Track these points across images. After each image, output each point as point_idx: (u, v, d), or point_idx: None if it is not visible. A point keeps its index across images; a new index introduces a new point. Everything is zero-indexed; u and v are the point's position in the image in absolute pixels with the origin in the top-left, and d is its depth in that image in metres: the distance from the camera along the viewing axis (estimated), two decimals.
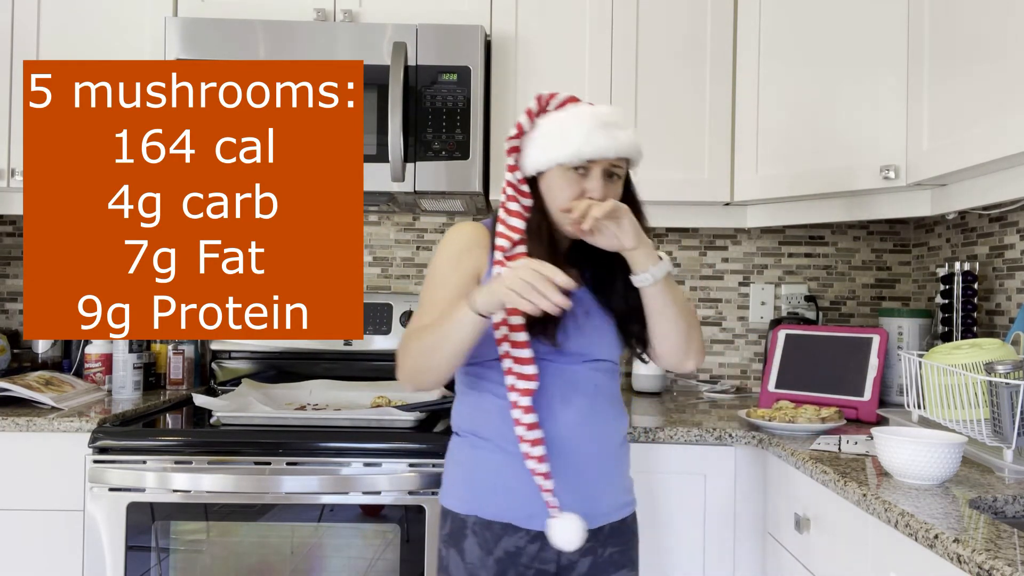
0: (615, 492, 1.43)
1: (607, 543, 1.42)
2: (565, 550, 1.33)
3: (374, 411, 1.91)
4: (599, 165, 1.36)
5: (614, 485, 1.43)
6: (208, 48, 2.11)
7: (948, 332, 2.06)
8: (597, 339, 1.42)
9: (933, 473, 1.32)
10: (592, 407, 1.40)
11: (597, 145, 1.34)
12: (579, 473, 1.38)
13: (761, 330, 2.58)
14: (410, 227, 2.60)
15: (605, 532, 1.41)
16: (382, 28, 2.12)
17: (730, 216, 2.32)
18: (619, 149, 1.36)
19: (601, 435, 1.41)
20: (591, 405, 1.40)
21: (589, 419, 1.39)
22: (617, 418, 1.46)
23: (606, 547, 1.42)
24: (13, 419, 1.86)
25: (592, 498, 1.39)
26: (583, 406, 1.39)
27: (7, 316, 2.61)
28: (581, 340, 1.40)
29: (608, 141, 1.35)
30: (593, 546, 1.40)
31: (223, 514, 1.78)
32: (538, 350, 1.36)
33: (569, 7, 2.23)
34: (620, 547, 1.43)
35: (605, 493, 1.41)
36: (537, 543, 1.37)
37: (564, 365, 1.40)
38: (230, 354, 2.44)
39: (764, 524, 1.86)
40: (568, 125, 1.36)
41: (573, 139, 1.34)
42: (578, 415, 1.39)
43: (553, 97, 1.42)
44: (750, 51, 2.20)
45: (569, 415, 1.38)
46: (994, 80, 1.55)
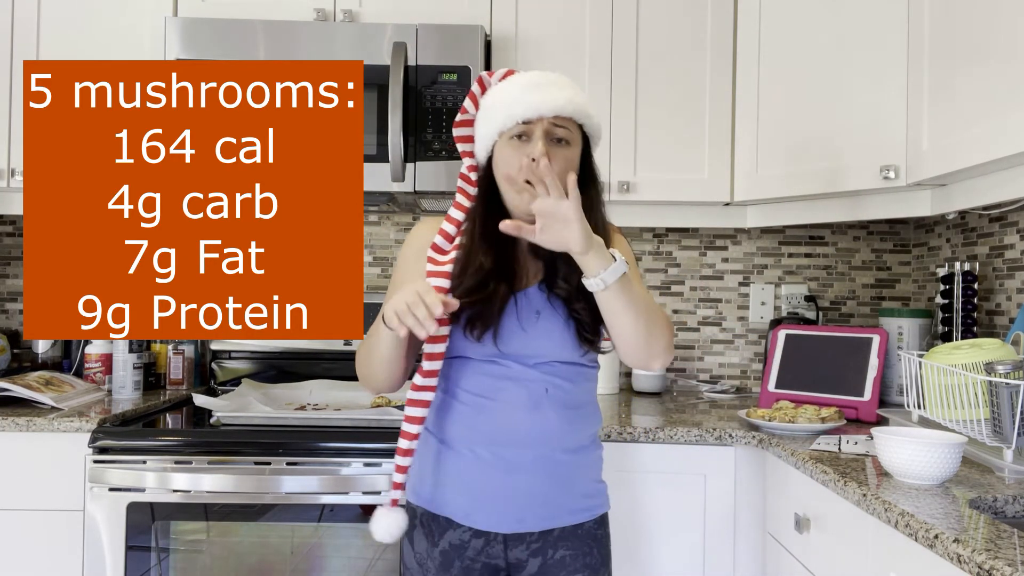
0: (568, 496, 1.37)
1: (558, 545, 1.37)
2: (376, 540, 1.37)
3: (374, 411, 1.91)
4: (538, 126, 1.29)
5: (564, 489, 1.37)
6: (208, 48, 2.11)
7: (948, 332, 2.06)
8: (546, 340, 1.35)
9: (933, 473, 1.32)
10: (538, 411, 1.34)
11: (529, 103, 1.28)
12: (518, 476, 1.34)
13: (761, 330, 2.58)
14: (410, 227, 2.60)
15: (555, 535, 1.37)
16: (382, 28, 2.12)
17: (730, 216, 2.32)
18: (556, 107, 1.29)
19: (550, 439, 1.35)
20: (537, 409, 1.34)
21: (536, 423, 1.34)
22: (575, 420, 1.38)
23: (557, 549, 1.37)
24: (13, 419, 1.86)
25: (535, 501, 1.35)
26: (529, 410, 1.34)
27: (7, 316, 2.61)
28: (529, 342, 1.34)
29: (541, 97, 1.28)
30: (543, 547, 1.37)
31: (223, 514, 1.78)
32: (484, 353, 1.34)
33: (569, 7, 2.23)
34: (573, 551, 1.38)
35: (553, 497, 1.36)
36: (482, 538, 1.36)
37: (513, 368, 1.35)
38: (230, 354, 2.44)
39: (764, 524, 1.86)
40: (503, 93, 1.32)
41: (506, 102, 1.30)
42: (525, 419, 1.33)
43: (492, 75, 1.38)
44: (750, 52, 2.20)
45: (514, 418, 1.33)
46: (994, 80, 1.55)
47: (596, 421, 1.44)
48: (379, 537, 1.36)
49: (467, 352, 1.36)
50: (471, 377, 1.36)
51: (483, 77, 1.38)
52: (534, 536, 1.37)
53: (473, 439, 1.35)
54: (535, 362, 1.36)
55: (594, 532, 1.41)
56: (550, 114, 1.29)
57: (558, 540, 1.38)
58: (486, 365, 1.36)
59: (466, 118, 1.41)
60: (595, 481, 1.43)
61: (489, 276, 1.32)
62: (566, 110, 1.30)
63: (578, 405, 1.39)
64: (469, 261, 1.33)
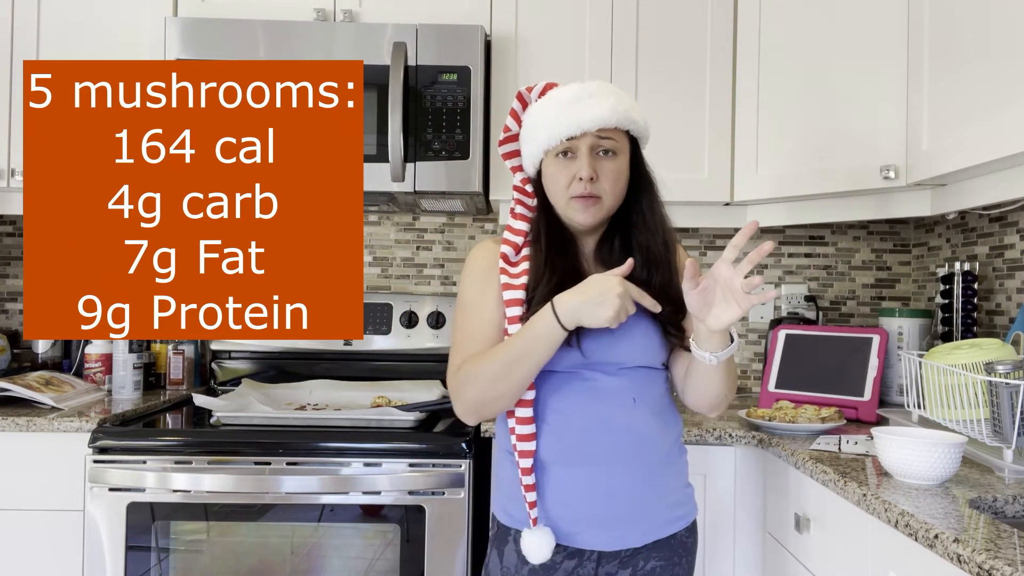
0: (661, 507, 1.34)
1: (650, 557, 1.35)
2: (530, 561, 1.31)
3: (374, 411, 1.91)
4: (583, 142, 1.29)
5: (660, 500, 1.34)
6: (208, 48, 2.11)
7: (948, 332, 2.06)
8: (630, 342, 1.33)
9: (933, 473, 1.32)
10: (629, 423, 1.31)
11: (571, 120, 1.28)
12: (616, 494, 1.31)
13: (761, 330, 2.58)
14: (410, 227, 2.60)
15: (649, 545, 1.35)
16: (382, 28, 2.12)
17: (730, 216, 2.32)
18: (600, 119, 1.28)
19: (641, 449, 1.32)
20: (628, 421, 1.31)
21: (628, 436, 1.31)
22: (663, 428, 1.36)
23: (648, 560, 1.34)
24: (13, 419, 1.86)
25: (634, 517, 1.32)
26: (620, 422, 1.31)
27: (7, 316, 2.61)
28: (614, 345, 1.32)
29: (583, 113, 1.28)
30: (633, 557, 1.34)
31: (223, 514, 1.78)
32: (570, 363, 1.32)
33: (569, 7, 2.23)
34: (664, 561, 1.35)
35: (647, 509, 1.33)
36: (575, 559, 1.33)
37: (599, 380, 1.33)
38: (230, 354, 2.44)
39: (764, 524, 1.86)
40: (544, 110, 1.32)
41: (548, 121, 1.30)
42: (616, 432, 1.31)
43: (531, 89, 1.37)
44: (750, 52, 2.20)
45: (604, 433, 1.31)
46: (994, 80, 1.55)
47: (677, 424, 1.41)
48: (535, 560, 1.30)
49: (552, 365, 1.32)
50: (557, 393, 1.34)
51: (522, 93, 1.38)
52: (628, 551, 1.34)
53: (567, 459, 1.32)
54: (619, 368, 1.33)
55: (684, 540, 1.39)
56: (593, 128, 1.29)
57: (651, 551, 1.35)
58: (572, 378, 1.33)
59: (510, 135, 1.41)
60: (684, 487, 1.41)
61: (564, 280, 1.31)
62: (609, 121, 1.30)
63: (662, 410, 1.37)
64: (542, 270, 1.33)
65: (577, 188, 1.30)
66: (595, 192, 1.31)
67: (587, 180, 1.29)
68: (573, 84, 1.34)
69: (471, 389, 1.30)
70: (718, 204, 2.28)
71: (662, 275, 1.34)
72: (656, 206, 1.38)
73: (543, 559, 1.30)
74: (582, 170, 1.29)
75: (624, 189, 1.35)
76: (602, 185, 1.31)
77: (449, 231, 2.59)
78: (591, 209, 1.32)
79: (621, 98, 1.33)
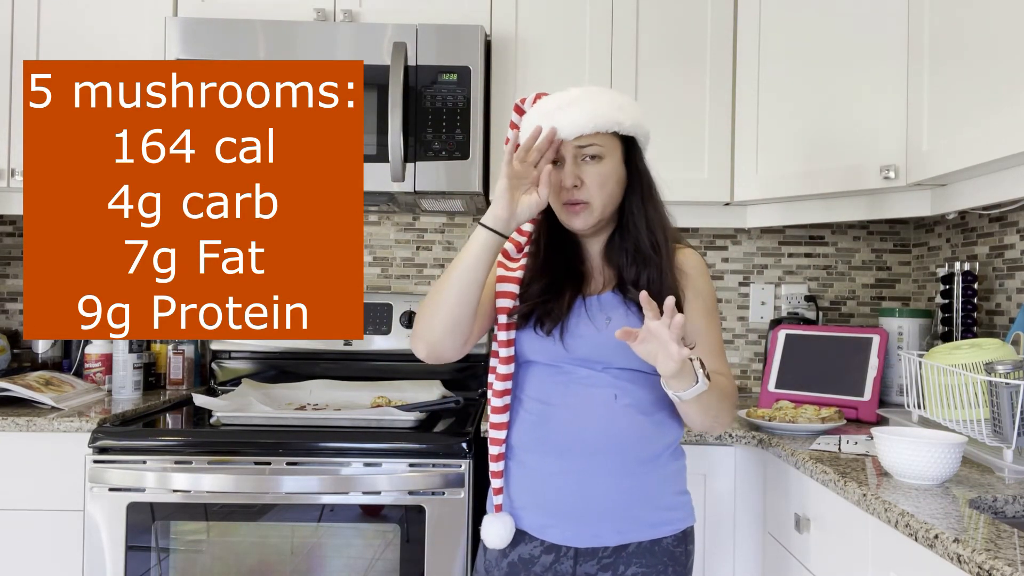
0: (643, 510, 1.33)
1: (631, 561, 1.33)
2: (488, 546, 1.36)
3: (374, 411, 1.91)
4: (565, 150, 1.33)
5: (642, 501, 1.33)
6: (208, 48, 2.11)
7: (948, 332, 2.06)
8: (615, 346, 1.32)
9: (933, 473, 1.32)
10: (608, 418, 1.32)
11: None
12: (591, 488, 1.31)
13: (761, 330, 2.58)
14: (410, 227, 2.60)
15: (630, 550, 1.33)
16: (382, 28, 2.12)
17: (730, 216, 2.32)
18: (576, 127, 1.30)
19: (622, 448, 1.32)
20: (606, 416, 1.32)
21: (606, 431, 1.32)
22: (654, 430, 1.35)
23: (629, 565, 1.33)
24: (13, 419, 1.86)
25: (610, 514, 1.32)
26: (600, 416, 1.32)
27: (7, 316, 2.61)
28: (599, 346, 1.33)
29: (560, 122, 1.30)
30: (614, 562, 1.33)
31: (223, 514, 1.78)
32: (552, 356, 1.35)
33: (569, 7, 2.23)
34: (646, 568, 1.33)
35: (624, 509, 1.32)
36: (552, 554, 1.34)
37: (580, 373, 1.34)
38: (230, 354, 2.44)
39: (764, 524, 1.86)
40: (533, 120, 1.35)
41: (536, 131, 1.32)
42: (593, 426, 1.32)
43: (524, 101, 1.41)
44: (750, 51, 2.20)
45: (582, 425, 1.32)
46: (994, 80, 1.55)
47: (673, 430, 1.39)
48: (491, 544, 1.35)
49: (534, 356, 1.37)
50: (537, 382, 1.37)
51: (517, 104, 1.42)
52: (607, 551, 1.33)
53: (543, 448, 1.34)
54: (604, 367, 1.34)
55: (672, 549, 1.36)
56: (571, 137, 1.32)
57: (632, 556, 1.33)
58: (553, 371, 1.36)
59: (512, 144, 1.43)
60: (676, 493, 1.38)
61: (556, 278, 1.38)
62: (586, 128, 1.32)
63: (653, 413, 1.35)
64: (538, 267, 1.39)
65: (565, 195, 1.35)
66: (581, 198, 1.34)
67: (570, 188, 1.33)
68: (558, 93, 1.37)
69: (421, 315, 1.35)
70: (718, 204, 2.28)
71: (649, 274, 1.35)
72: (647, 205, 1.39)
73: (499, 545, 1.35)
74: (565, 179, 1.33)
75: (616, 190, 1.37)
76: (588, 190, 1.34)
77: (449, 231, 2.59)
78: (581, 215, 1.35)
79: (602, 101, 1.34)
